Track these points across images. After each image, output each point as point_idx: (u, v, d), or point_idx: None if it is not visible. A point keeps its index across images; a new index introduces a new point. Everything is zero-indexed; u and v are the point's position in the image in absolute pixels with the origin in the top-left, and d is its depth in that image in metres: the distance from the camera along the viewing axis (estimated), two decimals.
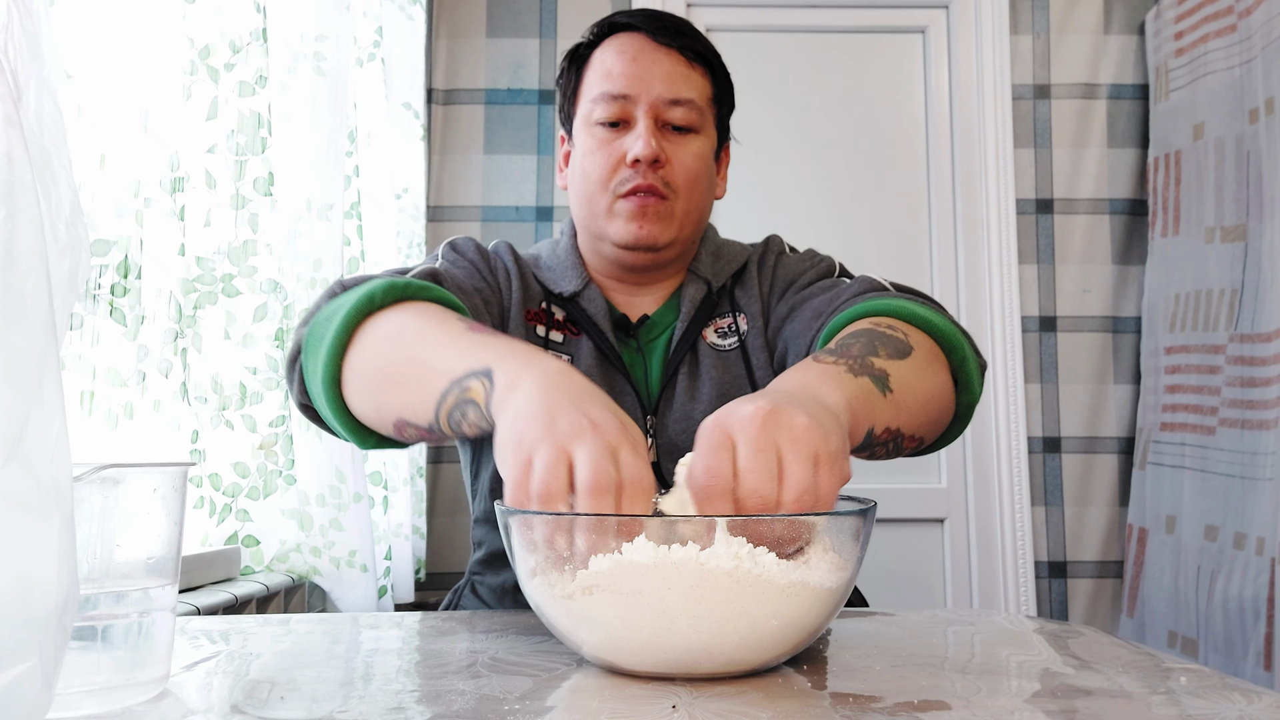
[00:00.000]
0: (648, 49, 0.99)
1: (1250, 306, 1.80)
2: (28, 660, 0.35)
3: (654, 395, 1.00)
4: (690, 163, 0.99)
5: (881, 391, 0.70)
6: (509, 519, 0.55)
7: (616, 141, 0.98)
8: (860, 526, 0.55)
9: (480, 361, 0.65)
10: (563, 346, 1.00)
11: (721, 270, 1.05)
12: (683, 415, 0.98)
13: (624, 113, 0.98)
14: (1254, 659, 1.67)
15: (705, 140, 1.01)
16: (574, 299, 1.01)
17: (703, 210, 1.03)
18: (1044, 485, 2.15)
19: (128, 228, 1.01)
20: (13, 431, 0.35)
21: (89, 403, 0.97)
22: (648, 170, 0.96)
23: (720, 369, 1.00)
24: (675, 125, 0.99)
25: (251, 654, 0.61)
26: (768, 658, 0.53)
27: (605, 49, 1.01)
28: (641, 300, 1.05)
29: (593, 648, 0.54)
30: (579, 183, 1.01)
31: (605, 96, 0.98)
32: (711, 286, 1.03)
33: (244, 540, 1.24)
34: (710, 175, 1.03)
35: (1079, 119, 2.23)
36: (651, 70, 0.98)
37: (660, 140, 0.97)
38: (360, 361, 0.74)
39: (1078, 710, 0.47)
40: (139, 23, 1.04)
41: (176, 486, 0.51)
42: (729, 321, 1.03)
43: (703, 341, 1.02)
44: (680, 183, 0.98)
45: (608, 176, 0.98)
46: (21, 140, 0.36)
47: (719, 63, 1.04)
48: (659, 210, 0.97)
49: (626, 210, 0.97)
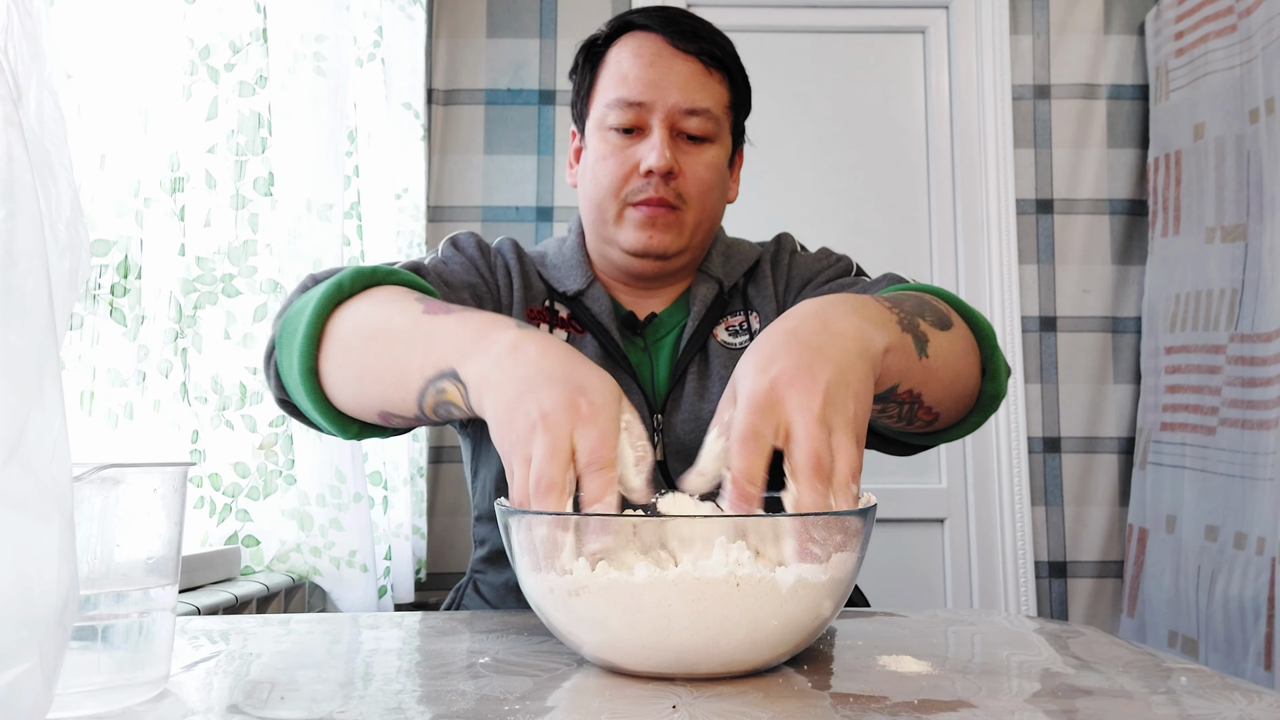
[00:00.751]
0: (665, 54, 0.96)
1: (1250, 306, 1.80)
2: (28, 660, 0.35)
3: (661, 394, 0.99)
4: (703, 174, 0.97)
5: (919, 353, 0.71)
6: (508, 519, 0.56)
7: (630, 150, 0.96)
8: (861, 526, 0.55)
9: (444, 361, 0.65)
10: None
11: (733, 269, 1.04)
12: (691, 414, 0.97)
13: (638, 120, 0.96)
14: (1254, 659, 1.67)
15: (720, 149, 0.99)
16: (578, 298, 1.00)
17: (714, 218, 1.01)
18: (1044, 485, 2.15)
19: (128, 228, 1.01)
20: (13, 432, 0.35)
21: (89, 403, 0.97)
22: (660, 182, 0.94)
23: (731, 367, 0.98)
24: (690, 136, 0.96)
25: (251, 654, 0.61)
26: (768, 658, 0.53)
27: (621, 49, 0.98)
28: (649, 300, 1.04)
29: (592, 647, 0.54)
30: (589, 187, 0.99)
31: (620, 102, 0.95)
32: (723, 286, 1.02)
33: (244, 540, 1.24)
34: (723, 183, 1.01)
35: (1079, 119, 2.23)
36: (668, 77, 0.95)
37: (674, 151, 0.95)
38: (334, 354, 0.74)
39: (1078, 710, 0.47)
40: (139, 23, 1.04)
41: (176, 486, 0.51)
42: (740, 319, 1.02)
43: (713, 340, 1.00)
44: (693, 193, 0.96)
45: (619, 185, 0.96)
46: (22, 140, 0.36)
47: (738, 66, 1.01)
48: (669, 220, 0.96)
49: (636, 219, 0.96)
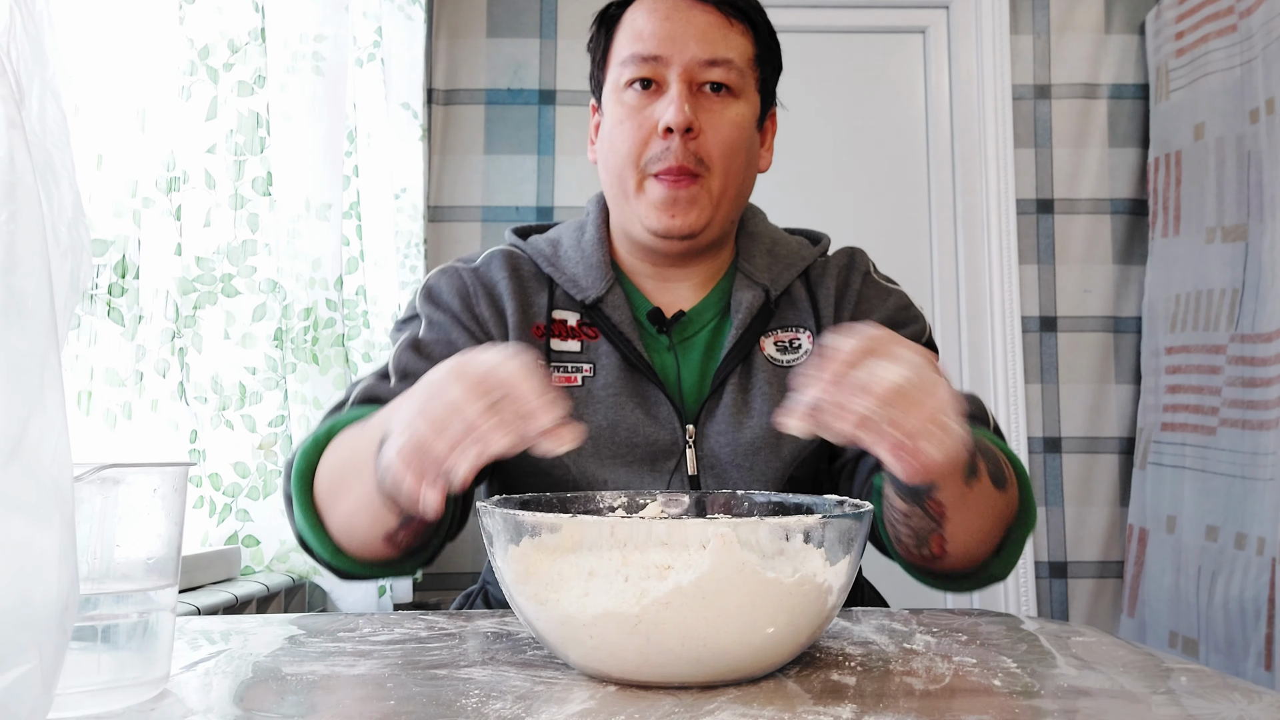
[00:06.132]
0: (681, 6, 0.90)
1: (1251, 306, 1.80)
2: (28, 661, 0.35)
3: (691, 402, 0.93)
4: (727, 132, 0.90)
5: (966, 477, 0.70)
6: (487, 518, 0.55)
7: (647, 109, 0.90)
8: (857, 530, 0.55)
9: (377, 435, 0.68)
10: (580, 356, 0.93)
11: (780, 275, 0.96)
12: (729, 429, 0.90)
13: (656, 76, 0.90)
14: (1255, 659, 1.67)
15: (746, 106, 0.92)
16: (596, 304, 0.94)
17: (742, 186, 0.94)
18: (1044, 485, 2.15)
19: (125, 228, 1.01)
20: (14, 433, 0.34)
21: (87, 403, 0.97)
22: (680, 145, 0.88)
23: (776, 385, 0.92)
24: (712, 84, 0.90)
25: (251, 654, 0.61)
26: (768, 662, 0.53)
27: (637, 8, 0.93)
28: (678, 289, 0.97)
29: (594, 661, 0.53)
30: (607, 156, 0.94)
31: (635, 58, 0.90)
32: (770, 294, 0.95)
33: (244, 540, 1.24)
34: (751, 146, 0.94)
35: (1079, 119, 2.23)
36: (686, 29, 0.89)
37: (694, 106, 0.89)
38: (335, 527, 0.80)
39: (1078, 710, 0.47)
40: (138, 23, 1.04)
41: (176, 486, 0.51)
42: (792, 335, 0.95)
43: (759, 353, 0.94)
44: (715, 155, 0.89)
45: (638, 150, 0.90)
46: (24, 142, 0.36)
47: (762, 19, 0.95)
48: (692, 196, 0.89)
49: (658, 195, 0.89)
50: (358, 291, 1.54)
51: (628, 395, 0.92)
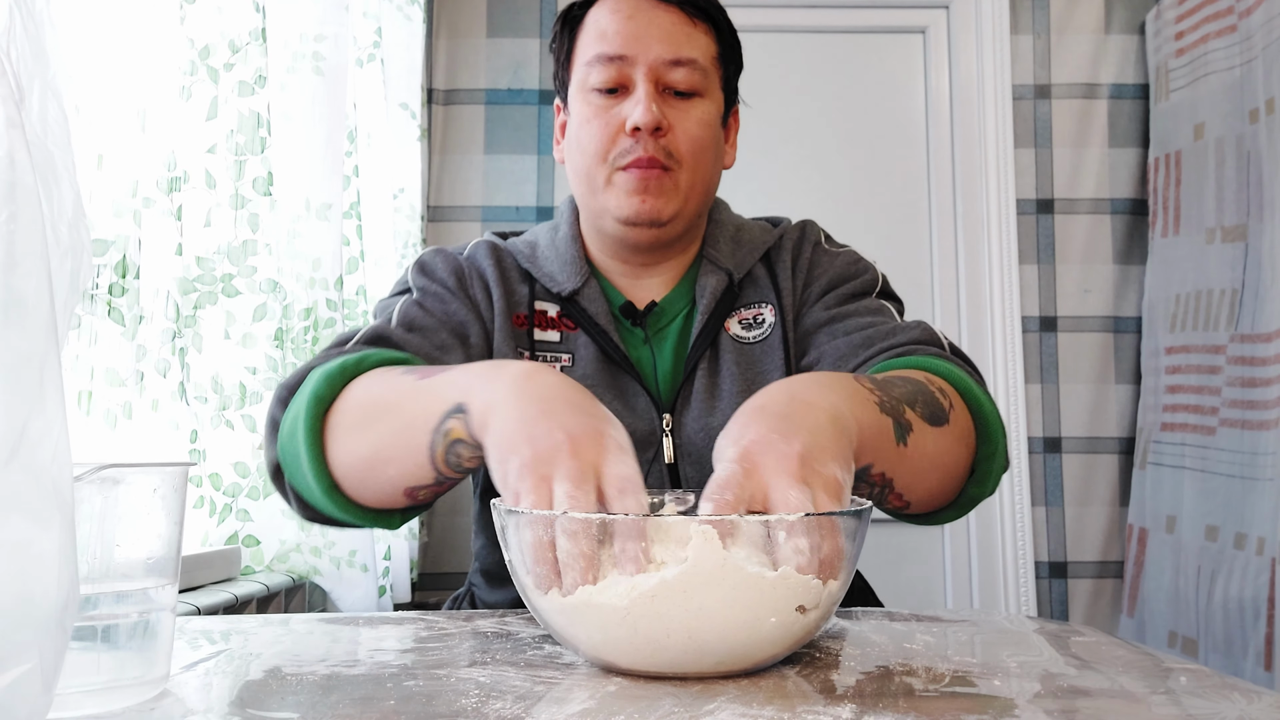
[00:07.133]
0: (645, 6, 0.91)
1: (1250, 307, 1.80)
2: (28, 661, 0.35)
3: (666, 391, 0.95)
4: (694, 130, 0.91)
5: (897, 440, 0.70)
6: (505, 522, 0.56)
7: (614, 109, 0.91)
8: (856, 527, 0.55)
9: (448, 400, 0.65)
10: (560, 345, 0.95)
11: (744, 258, 0.99)
12: (702, 414, 0.92)
13: (621, 76, 0.91)
14: (1254, 659, 1.67)
15: (710, 104, 0.94)
16: (573, 298, 0.95)
17: (709, 181, 0.96)
18: (1044, 485, 2.15)
19: (126, 227, 1.01)
20: (13, 433, 0.35)
21: (87, 403, 0.97)
22: (648, 140, 0.89)
23: (743, 364, 0.94)
24: (677, 90, 0.91)
25: (251, 654, 0.61)
26: (767, 656, 0.53)
27: (600, 8, 0.94)
28: (649, 283, 0.99)
29: (589, 647, 0.54)
30: (575, 156, 0.94)
31: (600, 59, 0.91)
32: (733, 278, 0.97)
33: (244, 540, 1.24)
34: (717, 142, 0.95)
35: (1079, 119, 2.23)
36: (650, 29, 0.90)
37: (661, 106, 0.90)
38: (343, 461, 0.74)
39: (1078, 710, 0.47)
40: (138, 23, 1.04)
41: (176, 486, 0.51)
42: (755, 312, 0.97)
43: (724, 334, 0.96)
44: (684, 152, 0.91)
45: (605, 148, 0.91)
46: (24, 142, 0.36)
47: (724, 19, 0.97)
48: (661, 183, 0.90)
49: (627, 184, 0.90)
50: (358, 291, 1.54)
51: (605, 388, 0.93)
